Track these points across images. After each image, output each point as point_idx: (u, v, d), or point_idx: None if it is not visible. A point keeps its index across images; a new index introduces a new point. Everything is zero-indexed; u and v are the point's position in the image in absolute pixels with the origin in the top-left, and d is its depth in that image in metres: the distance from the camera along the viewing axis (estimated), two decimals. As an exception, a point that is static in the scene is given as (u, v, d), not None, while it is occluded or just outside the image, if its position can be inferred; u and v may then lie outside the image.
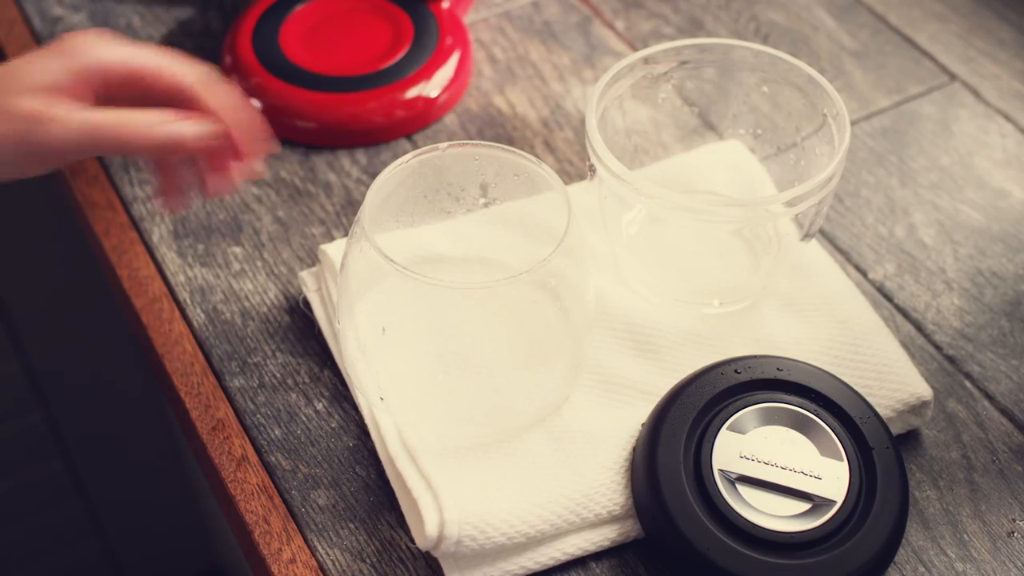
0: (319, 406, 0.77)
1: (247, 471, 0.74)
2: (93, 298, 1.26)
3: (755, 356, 0.73)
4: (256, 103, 0.91)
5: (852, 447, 0.69)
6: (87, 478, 1.56)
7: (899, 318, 0.82)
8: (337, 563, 0.69)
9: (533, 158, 0.72)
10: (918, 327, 0.82)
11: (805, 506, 0.67)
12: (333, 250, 0.79)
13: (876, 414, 0.71)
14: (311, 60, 0.95)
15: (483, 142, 0.73)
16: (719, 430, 0.69)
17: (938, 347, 0.81)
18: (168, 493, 1.49)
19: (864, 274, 0.85)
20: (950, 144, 0.95)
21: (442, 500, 0.66)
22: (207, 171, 0.72)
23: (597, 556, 0.70)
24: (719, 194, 0.86)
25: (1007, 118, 0.97)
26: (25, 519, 1.55)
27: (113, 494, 1.57)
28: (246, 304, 0.83)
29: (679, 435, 0.69)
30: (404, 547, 0.70)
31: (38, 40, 1.01)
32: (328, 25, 0.99)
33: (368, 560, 0.70)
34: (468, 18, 1.06)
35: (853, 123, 0.95)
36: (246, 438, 0.76)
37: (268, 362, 0.79)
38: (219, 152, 0.70)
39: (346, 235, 0.81)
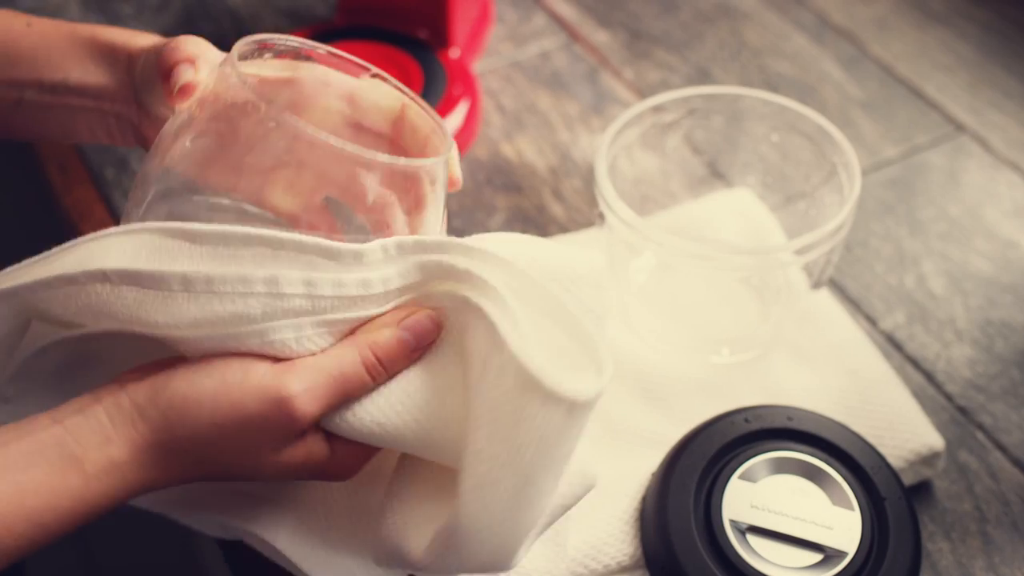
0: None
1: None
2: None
3: (765, 405, 0.73)
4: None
5: (864, 497, 0.68)
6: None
7: (909, 368, 0.82)
8: None
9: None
10: (929, 377, 0.81)
11: (816, 557, 0.66)
12: None
13: (887, 464, 0.70)
14: (320, 108, 0.95)
15: None
16: (729, 479, 0.68)
17: (949, 397, 0.80)
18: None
19: (874, 323, 0.85)
20: (959, 194, 0.95)
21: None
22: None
23: (606, 607, 0.69)
24: (728, 242, 0.85)
25: (1015, 168, 0.97)
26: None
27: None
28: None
29: (689, 485, 0.68)
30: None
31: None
32: (337, 73, 0.99)
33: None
34: (477, 67, 1.07)
35: (862, 173, 0.95)
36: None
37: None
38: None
39: None
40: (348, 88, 0.66)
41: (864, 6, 1.15)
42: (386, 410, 0.57)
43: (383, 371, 0.57)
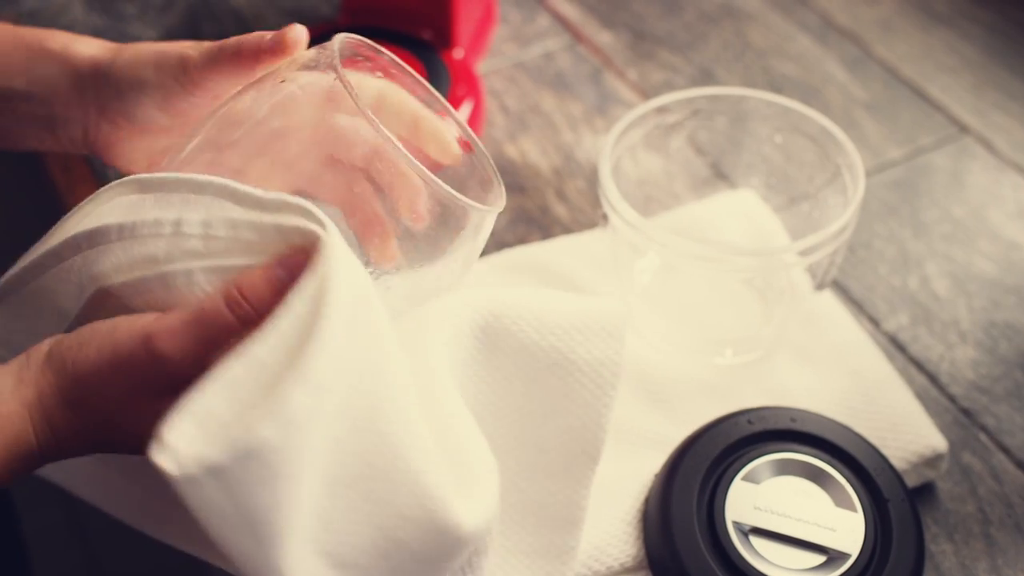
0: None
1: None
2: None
3: (768, 407, 0.72)
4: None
5: (867, 499, 0.68)
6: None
7: (913, 369, 0.82)
8: None
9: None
10: (932, 379, 0.81)
11: (820, 559, 0.66)
12: None
13: (890, 466, 0.70)
14: (324, 108, 0.95)
15: None
16: (732, 481, 0.68)
17: (952, 399, 0.80)
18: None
19: (877, 325, 0.85)
20: (962, 196, 0.95)
21: None
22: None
23: (608, 608, 0.69)
24: (732, 244, 0.85)
25: (1019, 170, 0.97)
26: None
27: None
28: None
29: (692, 486, 0.68)
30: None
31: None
32: (341, 74, 0.99)
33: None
34: (481, 68, 1.06)
35: (866, 175, 0.95)
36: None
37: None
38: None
39: None
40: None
41: (868, 7, 1.15)
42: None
43: (247, 307, 0.53)
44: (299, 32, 0.62)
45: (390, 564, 0.55)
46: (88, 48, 0.67)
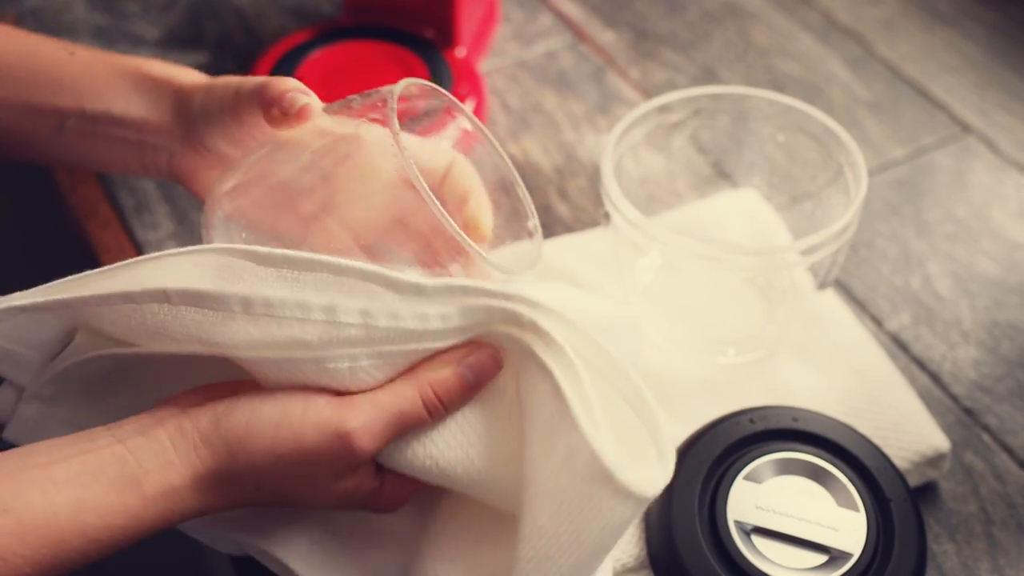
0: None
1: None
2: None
3: (770, 406, 0.72)
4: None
5: (869, 498, 0.68)
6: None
7: (915, 369, 0.82)
8: None
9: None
10: (934, 378, 0.81)
11: (821, 558, 0.66)
12: None
13: (893, 465, 0.70)
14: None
15: None
16: (734, 480, 0.68)
17: (955, 399, 0.80)
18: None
19: (880, 324, 0.85)
20: (965, 196, 0.95)
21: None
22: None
23: (610, 608, 0.69)
24: (734, 243, 0.85)
25: (1022, 169, 0.97)
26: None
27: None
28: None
29: (694, 485, 0.68)
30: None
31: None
32: (342, 72, 0.99)
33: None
34: (483, 67, 1.06)
35: (868, 174, 0.95)
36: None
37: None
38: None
39: None
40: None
41: (871, 7, 1.15)
42: (441, 446, 0.58)
43: (442, 408, 0.57)
44: (316, 103, 0.63)
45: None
46: (189, 77, 0.68)
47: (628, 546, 0.69)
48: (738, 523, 0.66)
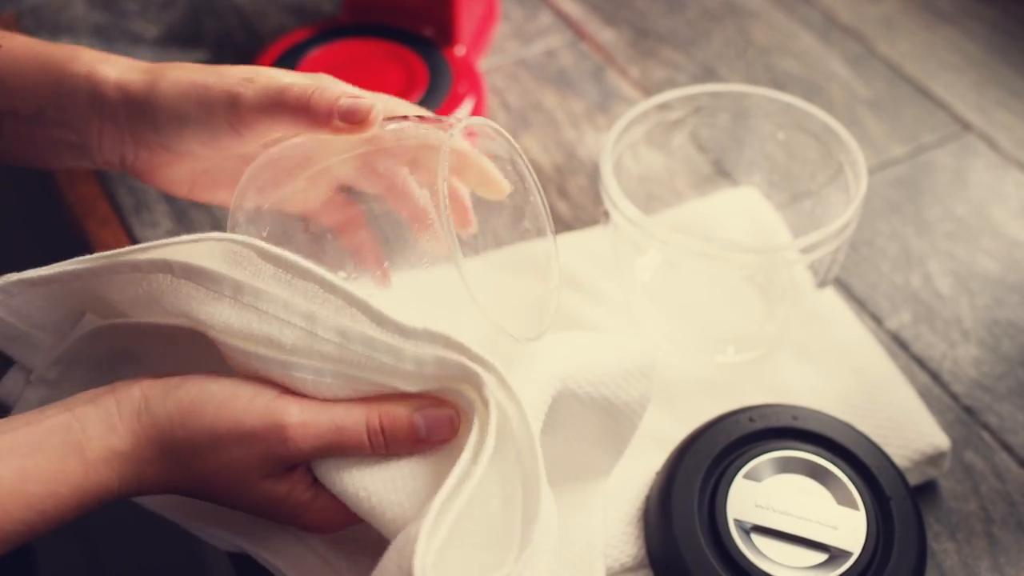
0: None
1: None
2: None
3: (770, 405, 0.72)
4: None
5: (869, 497, 0.68)
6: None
7: (915, 367, 0.82)
8: None
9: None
10: (934, 377, 0.81)
11: (821, 557, 0.65)
12: None
13: (893, 464, 0.70)
14: (325, 105, 0.95)
15: None
16: (734, 479, 0.68)
17: (955, 397, 0.80)
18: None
19: (880, 323, 0.85)
20: (965, 194, 0.95)
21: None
22: None
23: (609, 606, 0.69)
24: (734, 241, 0.85)
25: (1022, 168, 0.97)
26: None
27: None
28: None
29: (694, 484, 0.68)
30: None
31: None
32: (342, 70, 0.98)
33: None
34: (483, 65, 1.06)
35: (868, 172, 0.95)
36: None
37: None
38: None
39: None
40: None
41: (871, 5, 1.15)
42: (379, 484, 0.57)
43: (382, 442, 0.56)
44: (379, 113, 0.62)
45: None
46: (115, 70, 0.64)
47: (627, 545, 0.69)
48: (738, 521, 0.66)
